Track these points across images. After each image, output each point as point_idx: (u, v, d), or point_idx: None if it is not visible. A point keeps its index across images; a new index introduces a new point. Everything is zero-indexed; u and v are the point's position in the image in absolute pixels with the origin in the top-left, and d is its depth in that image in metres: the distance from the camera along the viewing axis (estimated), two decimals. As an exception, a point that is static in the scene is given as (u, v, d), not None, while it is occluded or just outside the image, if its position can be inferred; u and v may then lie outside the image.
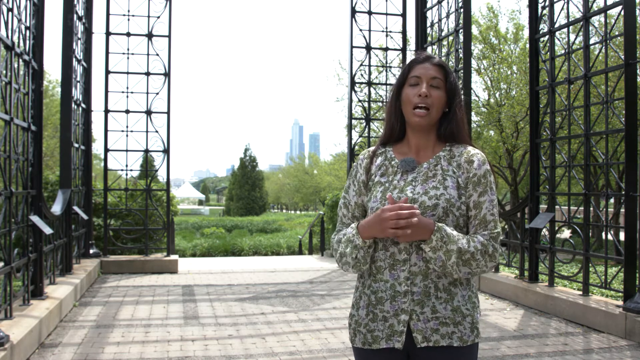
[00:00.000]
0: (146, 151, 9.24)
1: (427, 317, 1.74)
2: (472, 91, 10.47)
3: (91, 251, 8.77)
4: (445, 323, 1.75)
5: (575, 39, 6.75)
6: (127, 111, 9.10)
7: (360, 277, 1.90)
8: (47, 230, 5.50)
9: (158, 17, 9.08)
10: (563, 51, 6.57)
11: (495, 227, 1.78)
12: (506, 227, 8.05)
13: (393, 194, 1.80)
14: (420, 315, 1.74)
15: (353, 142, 10.30)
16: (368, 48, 10.02)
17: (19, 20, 5.03)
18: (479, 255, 1.72)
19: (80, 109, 8.55)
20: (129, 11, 9.06)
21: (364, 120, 10.39)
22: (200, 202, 75.00)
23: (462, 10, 8.09)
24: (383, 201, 1.80)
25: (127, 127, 9.10)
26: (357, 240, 1.78)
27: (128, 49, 9.05)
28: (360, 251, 1.78)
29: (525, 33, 13.60)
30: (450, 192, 1.77)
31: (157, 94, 9.11)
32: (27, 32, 5.30)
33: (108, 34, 9.03)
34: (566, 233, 10.85)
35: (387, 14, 10.06)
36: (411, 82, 1.83)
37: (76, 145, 8.23)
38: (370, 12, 9.99)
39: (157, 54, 9.09)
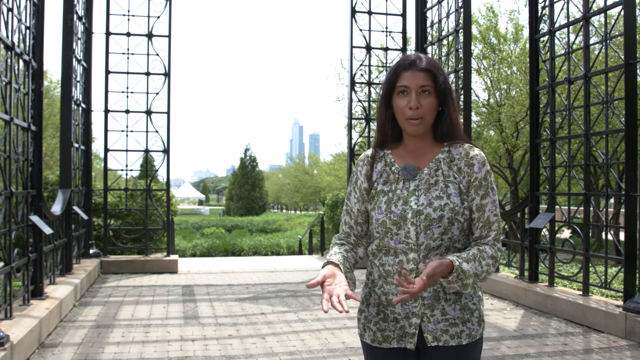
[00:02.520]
0: (146, 151, 9.24)
1: (437, 319, 1.78)
2: (472, 91, 10.47)
3: (91, 251, 8.77)
4: (454, 323, 1.78)
5: (575, 39, 6.75)
6: (127, 111, 9.10)
7: (370, 275, 1.91)
8: (47, 230, 5.50)
9: (158, 17, 9.08)
10: (563, 51, 6.57)
11: (499, 227, 1.83)
12: (506, 227, 8.06)
13: (397, 206, 1.79)
14: (430, 317, 1.78)
15: (353, 142, 10.31)
16: (368, 48, 10.02)
17: (19, 20, 5.03)
18: (492, 268, 1.79)
19: (80, 109, 8.55)
20: (129, 11, 9.06)
21: (364, 120, 10.40)
22: (200, 202, 74.98)
23: (462, 10, 8.09)
24: (388, 213, 1.79)
25: (127, 127, 9.10)
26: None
27: (128, 49, 9.05)
28: None
29: (525, 33, 13.61)
30: (453, 200, 1.77)
31: (157, 94, 9.11)
32: (27, 32, 5.30)
33: (108, 34, 9.03)
34: (566, 233, 10.86)
35: (387, 14, 10.06)
36: (399, 91, 1.79)
37: (76, 145, 8.23)
38: (370, 12, 9.99)
39: (157, 54, 9.09)
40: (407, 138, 1.86)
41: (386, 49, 10.35)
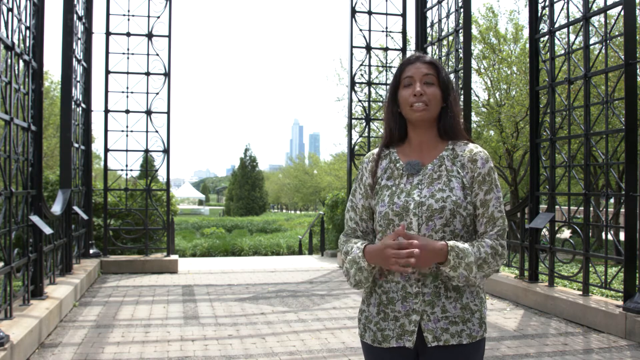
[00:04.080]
0: (146, 151, 9.24)
1: (437, 317, 1.78)
2: (472, 91, 10.47)
3: (91, 251, 8.77)
4: (454, 322, 1.78)
5: (575, 39, 6.75)
6: (127, 111, 9.10)
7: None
8: (47, 230, 5.50)
9: (158, 17, 9.08)
10: (563, 51, 6.57)
11: (503, 223, 1.83)
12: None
13: (400, 198, 1.82)
14: (430, 315, 1.78)
15: (353, 142, 10.30)
16: (368, 48, 10.02)
17: (19, 20, 5.03)
18: (490, 258, 1.78)
19: (80, 109, 8.56)
20: (129, 11, 9.06)
21: (364, 120, 10.39)
22: (200, 202, 74.98)
23: (462, 10, 8.09)
24: (391, 205, 1.82)
25: (127, 127, 9.10)
26: (362, 263, 1.81)
27: (128, 49, 9.05)
28: (364, 273, 1.82)
29: (525, 33, 13.60)
30: (456, 193, 1.80)
31: (157, 94, 9.11)
32: (27, 32, 5.30)
33: (108, 34, 9.03)
34: (566, 233, 10.85)
35: (387, 14, 10.07)
36: (405, 84, 1.87)
37: (76, 145, 8.24)
38: (370, 12, 9.99)
39: (157, 54, 9.10)
40: (412, 132, 1.90)
41: (386, 49, 10.35)
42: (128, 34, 9.06)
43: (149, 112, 9.12)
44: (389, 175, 1.90)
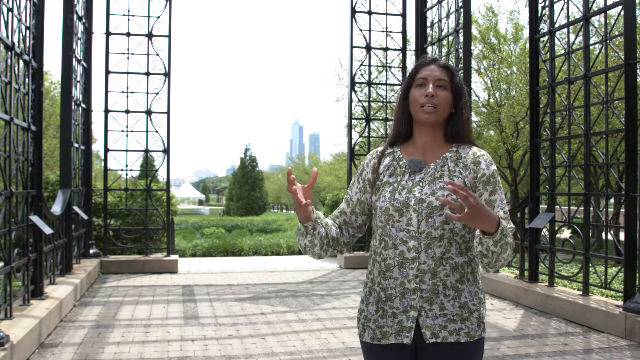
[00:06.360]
0: (146, 151, 9.24)
1: (435, 314, 1.79)
2: (472, 91, 10.47)
3: (91, 251, 8.77)
4: (452, 320, 1.79)
5: (575, 39, 6.75)
6: (127, 111, 9.10)
7: (370, 274, 1.94)
8: (47, 230, 5.50)
9: (158, 17, 9.08)
10: (563, 51, 6.57)
11: (508, 223, 1.83)
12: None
13: (401, 194, 1.84)
14: (428, 312, 1.79)
15: (353, 142, 10.31)
16: (368, 48, 10.02)
17: (19, 20, 5.03)
18: (510, 249, 1.77)
19: (80, 109, 8.56)
20: (129, 11, 9.06)
21: (364, 120, 10.40)
22: (201, 202, 74.93)
23: (462, 10, 8.09)
24: (392, 201, 1.84)
25: (127, 127, 9.10)
26: (300, 226, 1.88)
27: (128, 49, 9.05)
28: (307, 236, 1.88)
29: (525, 33, 13.61)
30: None
31: (157, 94, 9.11)
32: (27, 32, 5.30)
33: (108, 34, 9.03)
34: (566, 233, 10.86)
35: (387, 14, 10.07)
36: (418, 83, 1.89)
37: (76, 145, 8.24)
38: (370, 12, 10.00)
39: (157, 54, 9.10)
40: (418, 132, 1.92)
41: (386, 49, 10.35)
42: (128, 34, 9.06)
43: (149, 112, 9.12)
44: (392, 172, 1.92)
